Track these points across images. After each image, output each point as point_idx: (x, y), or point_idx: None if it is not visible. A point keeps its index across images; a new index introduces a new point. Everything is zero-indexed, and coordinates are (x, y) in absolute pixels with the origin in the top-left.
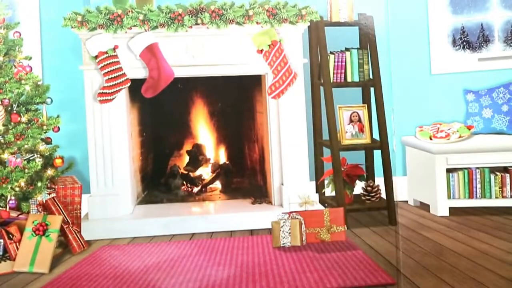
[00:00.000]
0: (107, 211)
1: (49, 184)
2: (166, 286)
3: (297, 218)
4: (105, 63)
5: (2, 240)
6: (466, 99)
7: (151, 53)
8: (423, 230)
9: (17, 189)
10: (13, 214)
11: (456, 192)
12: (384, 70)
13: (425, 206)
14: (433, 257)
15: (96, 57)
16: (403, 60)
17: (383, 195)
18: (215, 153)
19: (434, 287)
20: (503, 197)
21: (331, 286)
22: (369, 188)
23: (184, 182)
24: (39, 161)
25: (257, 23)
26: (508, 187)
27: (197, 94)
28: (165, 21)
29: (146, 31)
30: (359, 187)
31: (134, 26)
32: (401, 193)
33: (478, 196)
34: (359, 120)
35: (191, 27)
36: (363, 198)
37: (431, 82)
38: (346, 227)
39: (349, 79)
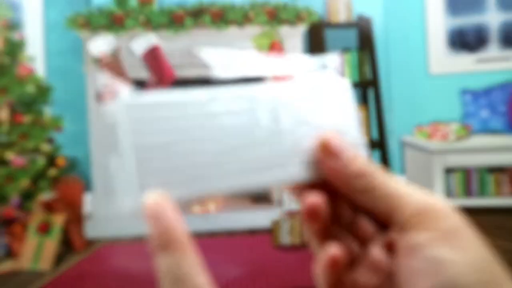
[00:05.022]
0: (110, 210)
1: (52, 184)
2: None
3: (297, 218)
4: (107, 64)
5: (5, 239)
6: (463, 100)
7: (152, 55)
8: None
9: (20, 188)
10: (17, 213)
11: (453, 191)
12: (383, 71)
13: None
14: None
15: (98, 58)
16: (401, 61)
17: None
18: None
19: None
20: (500, 196)
21: None
22: None
23: None
24: (42, 161)
25: (257, 24)
26: (505, 186)
27: None
28: (166, 23)
29: (147, 32)
30: None
31: (136, 27)
32: None
33: (475, 196)
34: None
35: (191, 28)
36: None
37: (429, 82)
38: None
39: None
